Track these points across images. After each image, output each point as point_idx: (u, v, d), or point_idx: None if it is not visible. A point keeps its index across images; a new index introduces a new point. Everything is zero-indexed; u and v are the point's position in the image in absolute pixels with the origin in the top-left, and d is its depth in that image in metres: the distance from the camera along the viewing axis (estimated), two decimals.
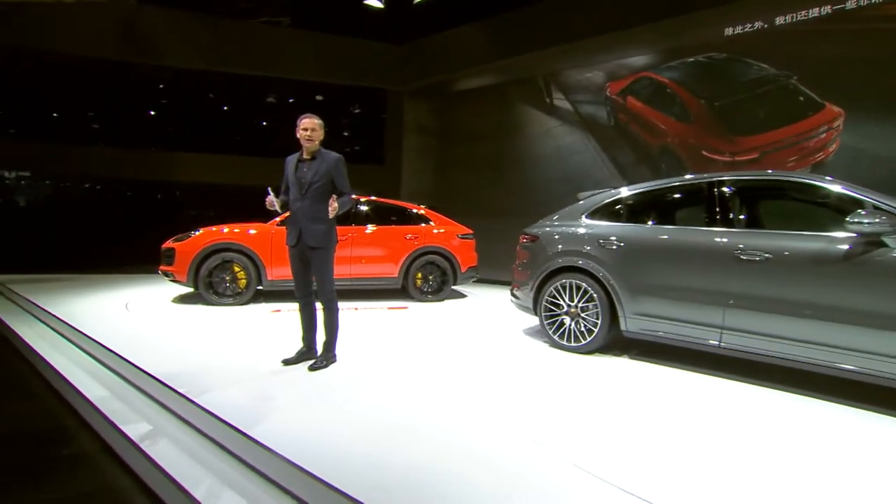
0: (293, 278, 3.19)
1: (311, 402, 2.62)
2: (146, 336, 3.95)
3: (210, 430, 2.34)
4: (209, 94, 10.28)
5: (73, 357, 3.66)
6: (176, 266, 5.26)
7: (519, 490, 1.78)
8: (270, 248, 5.42)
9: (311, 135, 3.02)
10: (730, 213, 3.32)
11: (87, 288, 6.30)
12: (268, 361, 3.23)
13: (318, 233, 3.03)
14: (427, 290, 6.07)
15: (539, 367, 3.49)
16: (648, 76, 6.80)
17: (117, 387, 3.06)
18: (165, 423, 2.59)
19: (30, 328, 4.60)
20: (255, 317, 4.86)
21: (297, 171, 3.07)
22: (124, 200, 10.96)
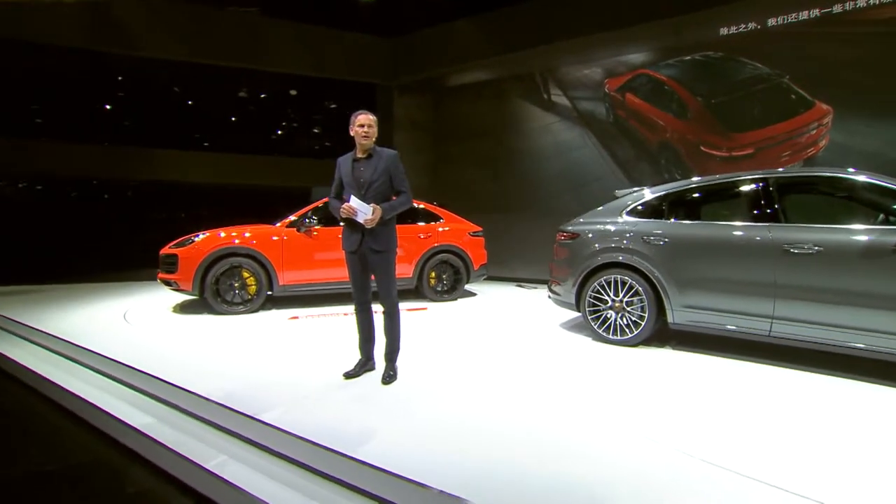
0: (353, 285, 2.97)
1: (400, 417, 2.45)
2: (169, 352, 3.58)
3: (303, 455, 2.12)
4: (185, 86, 9.55)
5: (93, 381, 3.24)
6: (180, 273, 4.83)
7: (663, 489, 1.76)
8: (281, 251, 5.11)
9: (367, 131, 2.83)
10: (776, 209, 3.46)
11: (69, 300, 5.66)
12: (323, 375, 3.02)
13: (381, 235, 2.85)
14: (441, 290, 5.95)
15: (598, 362, 3.53)
16: (646, 73, 6.99)
17: (160, 412, 2.74)
18: (237, 449, 2.32)
19: (23, 350, 4.06)
20: (275, 325, 4.56)
21: (353, 170, 2.87)
22: (93, 202, 10.06)
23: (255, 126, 10.28)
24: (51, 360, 3.75)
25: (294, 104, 10.29)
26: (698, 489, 1.78)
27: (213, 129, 10.52)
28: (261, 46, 8.50)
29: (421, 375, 3.06)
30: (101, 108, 9.52)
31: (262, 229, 5.18)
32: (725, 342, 3.74)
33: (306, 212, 5.32)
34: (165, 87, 9.44)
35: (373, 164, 2.85)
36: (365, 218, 2.73)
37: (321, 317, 4.90)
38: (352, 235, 2.87)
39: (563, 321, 4.89)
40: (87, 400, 2.90)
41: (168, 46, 8.06)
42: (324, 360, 3.40)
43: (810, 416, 2.50)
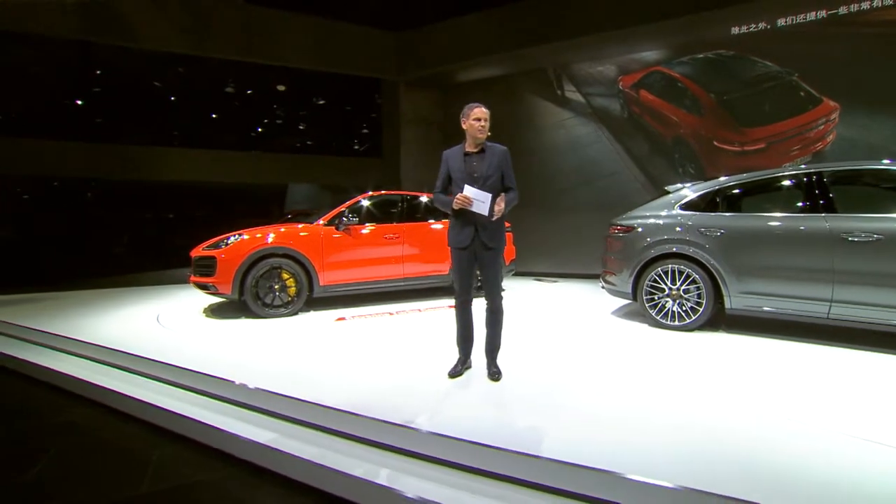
0: (460, 282, 2.90)
1: (546, 409, 2.42)
2: (244, 361, 3.41)
3: (482, 461, 2.00)
4: (185, 80, 9.09)
5: (188, 399, 2.93)
6: (218, 276, 4.60)
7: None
8: (321, 250, 4.95)
9: (484, 125, 2.79)
10: (831, 200, 3.67)
11: (89, 306, 5.27)
12: (426, 376, 2.95)
13: (496, 231, 2.82)
14: (476, 286, 5.93)
15: (673, 346, 3.66)
16: (660, 71, 7.20)
17: (275, 426, 2.49)
18: (391, 461, 2.15)
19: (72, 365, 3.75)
20: (325, 327, 4.41)
21: (465, 165, 2.81)
22: (85, 202, 9.46)
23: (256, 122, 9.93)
24: (130, 380, 3.47)
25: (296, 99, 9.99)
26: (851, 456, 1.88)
27: (206, 125, 10.09)
28: (263, 38, 8.18)
29: (517, 369, 3.04)
30: (100, 105, 8.99)
31: (301, 228, 5.00)
32: (769, 324, 4.04)
33: (343, 209, 5.18)
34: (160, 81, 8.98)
35: (486, 158, 2.81)
36: (486, 208, 2.67)
37: (368, 317, 4.79)
38: (463, 230, 2.81)
39: (612, 309, 5.06)
40: (193, 418, 2.66)
41: (168, 39, 7.64)
42: (410, 360, 3.35)
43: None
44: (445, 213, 5.78)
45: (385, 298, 5.63)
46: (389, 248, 5.32)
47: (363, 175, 9.81)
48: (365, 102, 9.76)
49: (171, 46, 7.78)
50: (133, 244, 10.09)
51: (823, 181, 3.75)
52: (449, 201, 2.81)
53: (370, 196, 5.48)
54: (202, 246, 4.97)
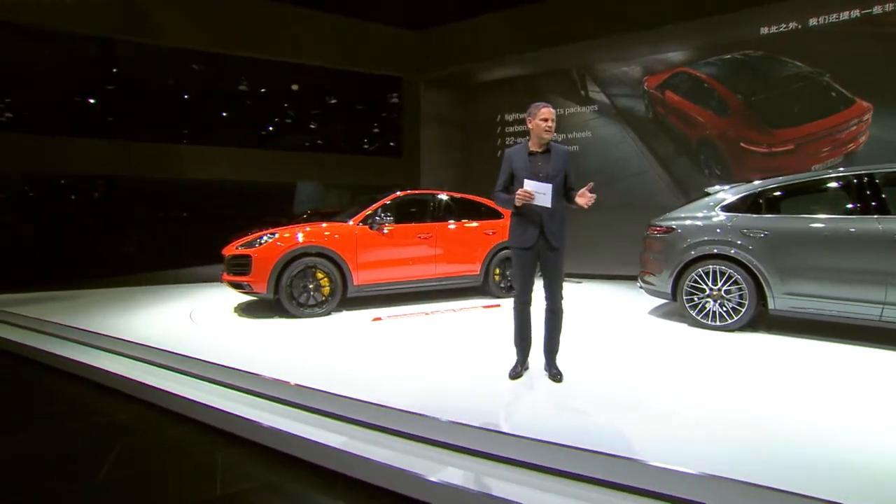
0: (522, 282, 2.85)
1: (616, 407, 2.42)
2: (292, 360, 3.38)
3: (577, 466, 1.95)
4: (199, 77, 9.07)
5: (246, 401, 2.87)
6: (254, 275, 4.56)
7: None
8: (356, 250, 4.92)
9: (550, 125, 2.75)
10: (884, 202, 3.63)
11: (114, 303, 5.22)
12: (485, 378, 2.91)
13: (560, 233, 2.78)
14: (504, 287, 5.90)
15: (717, 346, 3.65)
16: (686, 71, 7.16)
17: (345, 429, 2.42)
18: (468, 463, 2.10)
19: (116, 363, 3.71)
20: (362, 327, 4.38)
21: (531, 164, 2.78)
22: (111, 200, 9.47)
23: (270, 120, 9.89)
24: (180, 380, 3.42)
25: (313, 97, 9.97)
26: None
27: (219, 122, 10.05)
28: (284, 36, 8.15)
29: (572, 369, 2.99)
30: (121, 102, 8.99)
31: (335, 227, 4.97)
32: (809, 325, 4.07)
33: (376, 208, 5.15)
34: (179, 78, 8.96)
35: (551, 158, 2.77)
36: (548, 200, 2.63)
37: (404, 317, 4.75)
38: (527, 231, 2.77)
39: (647, 309, 5.04)
40: (255, 420, 2.60)
41: (191, 36, 7.61)
42: (463, 361, 3.31)
43: None
44: (477, 213, 5.82)
45: (416, 298, 5.60)
46: (422, 247, 5.29)
47: (381, 174, 9.78)
48: (384, 101, 9.73)
49: (192, 44, 7.76)
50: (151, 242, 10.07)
51: (875, 182, 3.71)
52: (510, 199, 2.77)
53: (402, 195, 5.44)
54: (235, 244, 4.93)
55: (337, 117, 10.02)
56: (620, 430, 2.15)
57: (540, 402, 2.53)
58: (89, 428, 2.86)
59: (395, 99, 9.53)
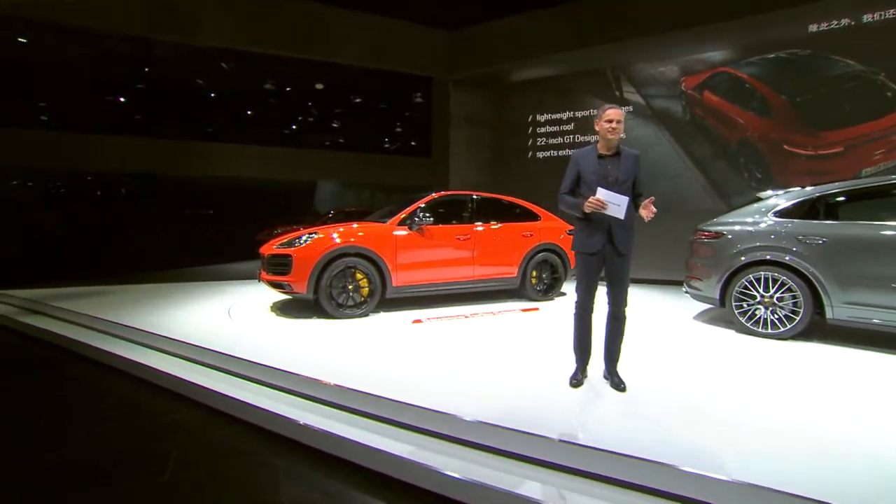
0: (586, 288, 2.77)
1: (688, 419, 2.34)
2: (342, 363, 3.35)
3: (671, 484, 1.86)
4: (230, 76, 9.18)
5: (317, 411, 2.77)
6: (294, 275, 4.55)
7: None
8: (395, 250, 4.88)
9: (615, 127, 2.66)
10: None
11: (152, 299, 5.27)
12: (545, 385, 2.84)
13: (628, 238, 2.70)
14: (539, 289, 5.80)
15: (777, 356, 3.52)
16: (727, 71, 6.97)
17: (410, 438, 2.36)
18: (545, 476, 2.03)
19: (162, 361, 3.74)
20: (403, 329, 4.33)
21: (599, 167, 2.69)
22: (129, 196, 9.65)
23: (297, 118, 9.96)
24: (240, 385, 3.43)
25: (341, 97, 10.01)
26: None
27: (244, 121, 10.14)
28: (316, 35, 8.17)
29: (629, 376, 2.89)
30: (152, 100, 9.17)
31: (374, 228, 4.94)
32: (866, 336, 3.92)
33: (415, 209, 5.10)
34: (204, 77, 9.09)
35: (621, 162, 2.69)
36: (622, 212, 2.55)
37: (444, 320, 4.70)
38: (593, 235, 2.69)
39: (691, 314, 4.92)
40: (314, 426, 2.55)
41: (225, 35, 7.68)
42: (517, 367, 3.24)
43: None
44: (514, 214, 5.73)
45: (451, 300, 5.54)
46: (460, 249, 5.23)
47: (409, 174, 9.77)
48: (413, 101, 9.72)
49: (227, 42, 7.83)
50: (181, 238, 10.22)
51: None
52: (577, 203, 2.69)
53: (440, 196, 5.38)
54: (273, 244, 4.94)
55: (365, 117, 10.03)
56: (698, 444, 2.07)
57: (610, 412, 2.45)
58: (144, 429, 2.86)
59: (423, 98, 9.50)
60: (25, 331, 5.00)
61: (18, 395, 3.41)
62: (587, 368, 2.91)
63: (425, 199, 5.26)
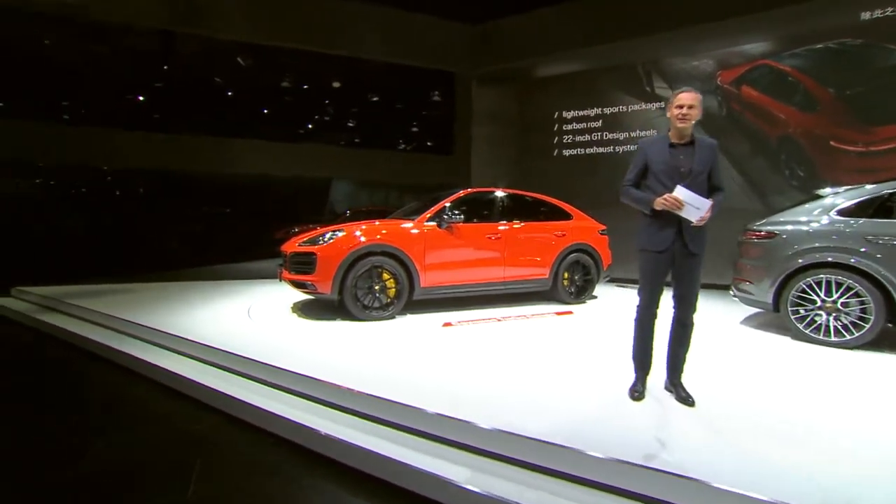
0: (650, 290, 2.49)
1: (786, 444, 2.03)
2: (374, 371, 3.12)
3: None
4: (247, 72, 9.07)
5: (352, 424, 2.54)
6: (318, 274, 4.34)
7: None
8: (423, 249, 4.64)
9: (686, 113, 2.38)
10: None
11: (171, 299, 5.11)
12: (604, 397, 2.58)
13: (702, 235, 2.42)
14: (571, 292, 5.52)
15: (850, 368, 3.19)
16: (767, 64, 6.63)
17: (470, 461, 2.07)
18: None
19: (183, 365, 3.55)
20: (435, 334, 4.08)
21: (671, 158, 2.42)
22: (144, 193, 9.60)
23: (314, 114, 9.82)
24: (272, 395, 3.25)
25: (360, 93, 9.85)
26: None
27: (258, 117, 10.02)
28: (337, 28, 7.99)
29: (695, 388, 2.60)
30: (170, 96, 9.12)
31: (402, 225, 4.70)
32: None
33: (444, 206, 4.86)
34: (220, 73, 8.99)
35: (695, 152, 2.41)
36: (700, 216, 2.28)
37: (475, 323, 4.45)
38: (663, 231, 2.42)
39: (738, 319, 4.62)
40: (354, 444, 2.31)
41: (244, 29, 7.55)
42: (568, 377, 2.98)
43: None
44: (546, 213, 5.46)
45: (479, 302, 5.29)
46: (491, 248, 4.98)
47: (430, 172, 9.55)
48: (434, 97, 9.51)
49: (246, 37, 7.70)
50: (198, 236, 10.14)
51: None
52: (646, 199, 2.43)
53: (469, 192, 5.14)
54: (296, 241, 4.74)
55: (385, 113, 9.85)
56: (788, 470, 1.80)
57: (682, 430, 2.17)
58: (164, 437, 2.66)
59: (445, 95, 9.28)
60: (41, 328, 4.87)
61: (34, 398, 3.24)
62: (647, 379, 2.63)
63: (454, 195, 5.02)
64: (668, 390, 2.60)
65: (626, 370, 2.68)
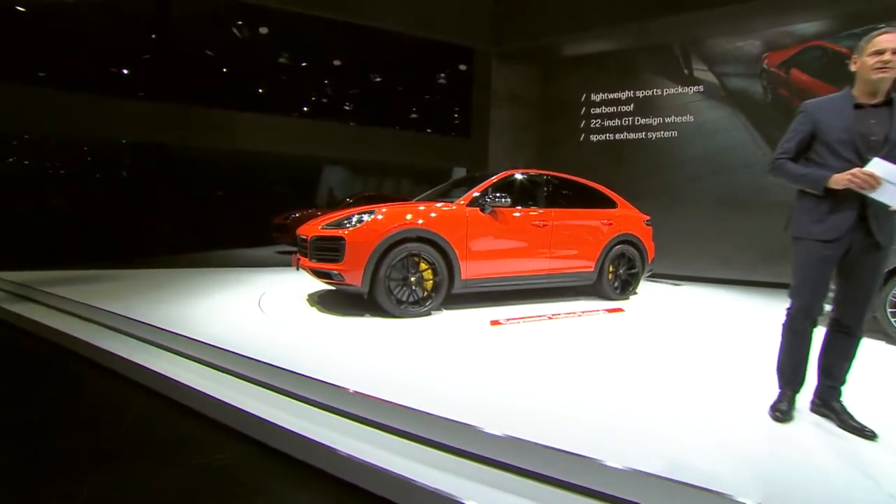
0: (812, 288, 1.98)
1: None
2: (436, 385, 2.55)
3: None
4: (252, 42, 8.26)
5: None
6: (347, 263, 3.71)
7: None
8: (466, 235, 4.05)
9: (888, 59, 1.84)
10: None
11: (166, 289, 4.44)
12: (725, 417, 2.08)
13: (890, 223, 1.90)
14: (616, 287, 5.01)
15: None
16: (821, 46, 6.18)
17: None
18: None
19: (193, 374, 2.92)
20: (484, 333, 3.52)
21: (857, 123, 1.89)
22: (141, 169, 8.76)
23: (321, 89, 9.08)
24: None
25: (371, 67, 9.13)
26: None
27: (271, 92, 9.23)
28: None
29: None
30: (165, 63, 8.25)
31: (441, 208, 4.09)
32: None
33: (487, 187, 4.28)
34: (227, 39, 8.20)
35: (893, 115, 1.88)
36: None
37: (524, 321, 3.89)
38: (836, 215, 1.90)
39: None
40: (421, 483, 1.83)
41: None
42: (670, 391, 2.48)
43: None
44: (591, 199, 4.93)
45: (517, 297, 4.74)
46: (537, 237, 4.43)
47: (445, 155, 8.93)
48: (451, 74, 8.88)
49: None
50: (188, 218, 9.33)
51: None
52: (816, 175, 1.90)
53: (512, 174, 4.57)
54: (318, 224, 4.10)
55: (397, 90, 9.17)
56: None
57: (860, 472, 1.65)
58: (176, 472, 2.04)
59: (463, 72, 8.65)
60: (13, 321, 4.16)
61: (12, 413, 2.58)
62: (797, 398, 2.12)
63: (496, 176, 4.44)
64: (819, 412, 2.09)
65: (725, 383, 2.19)
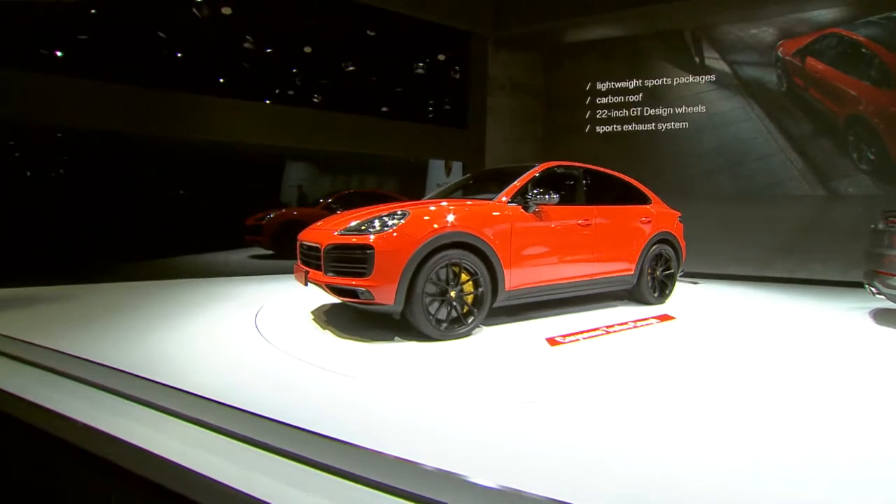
0: None
1: None
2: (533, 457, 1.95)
3: None
4: (226, 18, 7.21)
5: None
6: (376, 277, 3.00)
7: None
8: (510, 239, 3.45)
9: None
10: None
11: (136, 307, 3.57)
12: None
13: None
14: (654, 290, 4.59)
15: None
16: (838, 33, 6.00)
17: None
18: None
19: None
20: (539, 355, 2.94)
21: None
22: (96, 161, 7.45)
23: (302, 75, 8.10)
24: None
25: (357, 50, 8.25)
26: None
27: (245, 75, 8.17)
28: None
29: None
30: (127, 39, 7.03)
31: (481, 208, 3.46)
32: None
33: (526, 182, 3.69)
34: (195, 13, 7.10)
35: None
36: None
37: (581, 337, 3.35)
38: None
39: (865, 321, 3.80)
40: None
41: None
42: (786, 432, 1.98)
43: None
44: (627, 195, 4.45)
45: (552, 306, 4.20)
46: (581, 238, 3.90)
47: (438, 147, 8.26)
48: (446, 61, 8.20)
49: None
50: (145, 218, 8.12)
51: None
52: None
53: (550, 166, 4.00)
54: (327, 228, 3.37)
55: (386, 76, 8.39)
56: None
57: None
58: None
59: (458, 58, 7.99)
60: None
61: None
62: None
63: (536, 168, 3.86)
64: None
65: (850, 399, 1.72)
